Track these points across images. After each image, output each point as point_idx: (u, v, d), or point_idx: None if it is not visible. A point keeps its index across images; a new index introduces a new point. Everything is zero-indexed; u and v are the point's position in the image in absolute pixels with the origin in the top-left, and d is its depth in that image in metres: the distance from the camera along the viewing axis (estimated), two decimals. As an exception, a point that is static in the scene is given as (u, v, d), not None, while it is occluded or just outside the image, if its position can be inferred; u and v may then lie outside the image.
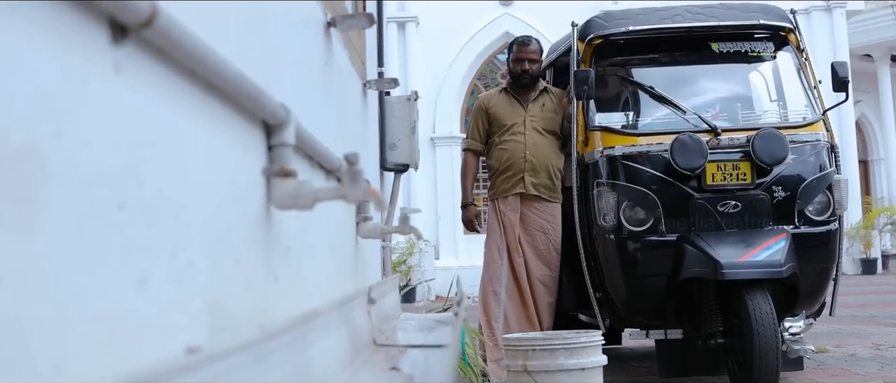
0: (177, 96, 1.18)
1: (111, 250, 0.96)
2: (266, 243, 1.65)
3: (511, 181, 5.50)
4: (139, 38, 1.02)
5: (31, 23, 0.80)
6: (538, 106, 5.59)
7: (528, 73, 5.61)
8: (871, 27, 19.95)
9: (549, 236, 5.48)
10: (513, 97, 5.65)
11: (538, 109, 5.58)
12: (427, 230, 15.38)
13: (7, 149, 0.75)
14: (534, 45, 5.70)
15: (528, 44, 5.70)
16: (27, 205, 0.78)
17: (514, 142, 5.52)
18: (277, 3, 1.97)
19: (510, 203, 5.49)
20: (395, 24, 16.56)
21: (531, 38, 5.81)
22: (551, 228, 5.50)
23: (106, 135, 0.96)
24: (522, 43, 5.73)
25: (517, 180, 5.48)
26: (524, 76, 5.61)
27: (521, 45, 5.69)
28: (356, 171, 1.61)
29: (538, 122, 5.54)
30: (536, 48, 5.69)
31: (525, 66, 5.59)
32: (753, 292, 4.52)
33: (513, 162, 5.50)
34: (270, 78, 1.77)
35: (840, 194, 5.01)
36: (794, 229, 4.89)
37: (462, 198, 5.90)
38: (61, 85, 0.86)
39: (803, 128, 5.15)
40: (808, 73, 5.45)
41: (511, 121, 5.56)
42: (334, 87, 2.80)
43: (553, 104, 5.62)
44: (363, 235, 2.97)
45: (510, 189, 5.50)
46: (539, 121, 5.54)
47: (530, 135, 5.50)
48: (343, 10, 3.18)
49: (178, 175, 1.19)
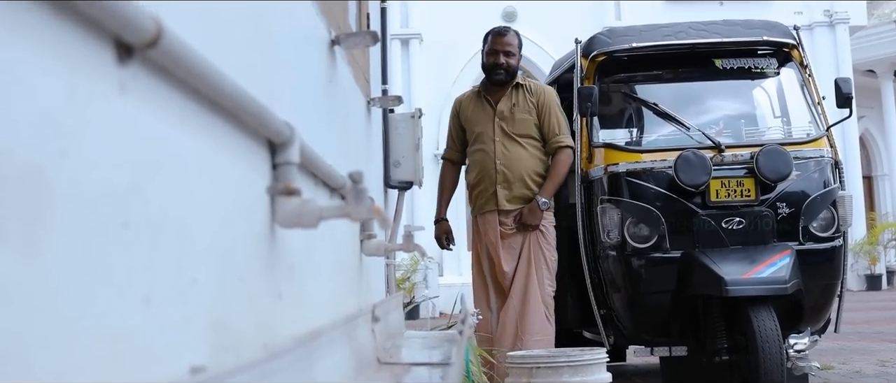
0: (181, 115, 1.18)
1: (115, 269, 0.96)
2: (270, 261, 1.64)
3: (484, 196, 4.99)
4: (144, 58, 1.02)
5: (37, 42, 0.80)
6: (508, 105, 4.95)
7: (503, 68, 4.94)
8: (874, 43, 19.96)
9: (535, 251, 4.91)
10: (483, 98, 5.05)
11: (508, 110, 4.94)
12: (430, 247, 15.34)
13: (12, 168, 0.75)
14: (511, 35, 5.06)
15: (504, 33, 5.06)
16: (31, 224, 0.78)
17: (483, 152, 4.98)
18: (281, 22, 1.98)
19: (489, 220, 4.98)
20: (399, 40, 16.59)
21: (509, 29, 5.18)
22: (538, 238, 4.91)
23: (110, 154, 0.96)
24: (498, 32, 5.09)
25: (490, 195, 4.95)
26: (498, 71, 4.95)
27: (497, 36, 5.05)
28: (360, 190, 1.61)
29: (509, 125, 4.93)
30: (514, 39, 5.04)
31: (499, 59, 4.94)
32: (758, 309, 4.51)
33: (484, 175, 4.98)
34: (274, 96, 1.77)
35: (844, 210, 5.00)
36: (798, 245, 4.88)
37: (436, 213, 5.50)
38: (66, 104, 0.86)
39: (807, 145, 5.15)
40: (811, 89, 5.45)
41: (480, 128, 5.01)
42: (338, 104, 2.81)
43: (526, 102, 4.96)
44: (367, 253, 2.97)
45: (485, 205, 4.99)
46: (509, 124, 4.93)
47: (500, 143, 4.91)
48: (347, 28, 3.19)
49: (183, 193, 1.19)
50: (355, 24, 3.62)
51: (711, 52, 5.45)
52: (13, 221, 0.75)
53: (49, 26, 0.82)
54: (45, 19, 0.81)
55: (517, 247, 4.89)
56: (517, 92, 4.97)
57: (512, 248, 4.90)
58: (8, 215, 0.74)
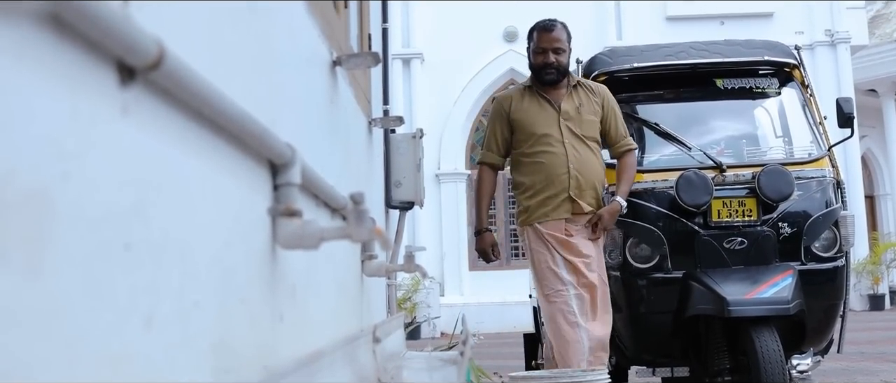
0: (183, 137, 1.19)
1: (117, 291, 0.96)
2: (271, 282, 1.64)
3: (552, 203, 4.41)
4: (146, 80, 1.03)
5: (40, 65, 0.80)
6: (573, 106, 4.49)
7: (553, 67, 4.44)
8: (875, 62, 19.99)
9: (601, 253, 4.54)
10: (540, 97, 4.51)
11: (574, 110, 4.47)
12: (432, 267, 15.37)
13: (15, 191, 0.75)
14: (559, 30, 4.52)
15: (551, 29, 4.50)
16: (34, 246, 0.78)
17: (551, 155, 4.41)
18: (283, 43, 1.99)
19: (554, 227, 4.41)
20: (400, 60, 16.65)
21: (555, 22, 4.57)
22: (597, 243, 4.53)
23: (113, 176, 0.96)
24: (544, 28, 4.53)
25: (561, 203, 4.40)
26: (548, 71, 4.45)
27: (543, 31, 4.52)
28: (362, 211, 1.61)
29: (577, 127, 4.45)
30: (562, 34, 4.52)
31: (549, 58, 4.44)
32: (760, 329, 4.50)
33: (553, 180, 4.41)
34: (276, 117, 1.77)
35: (846, 230, 4.99)
36: (800, 266, 4.87)
37: (476, 224, 4.75)
38: (69, 127, 0.86)
39: (809, 164, 5.15)
40: (813, 108, 5.45)
41: (543, 129, 4.44)
42: (340, 125, 2.81)
43: (590, 102, 4.54)
44: (368, 273, 2.97)
45: (552, 213, 4.41)
46: (578, 126, 4.45)
47: (571, 145, 4.42)
48: (348, 49, 3.20)
49: (184, 215, 1.19)
50: (357, 44, 3.63)
51: (713, 71, 5.45)
52: (16, 243, 0.75)
53: (51, 49, 0.83)
54: (48, 42, 0.82)
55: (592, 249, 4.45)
56: (578, 91, 4.54)
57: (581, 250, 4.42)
58: (11, 237, 0.74)
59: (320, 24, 2.48)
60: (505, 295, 15.61)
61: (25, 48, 0.78)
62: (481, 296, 16.38)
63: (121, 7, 0.97)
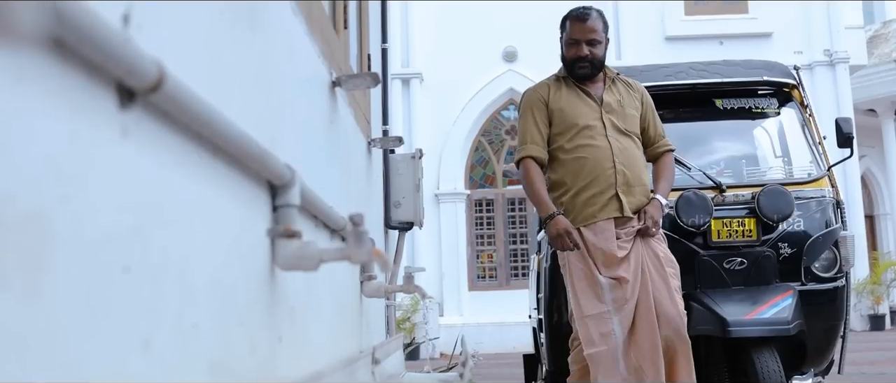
0: (183, 159, 1.19)
1: (116, 313, 0.96)
2: (270, 304, 1.64)
3: (599, 202, 3.92)
4: (146, 102, 1.03)
5: (40, 88, 0.80)
6: (614, 98, 4.07)
7: (587, 60, 4.00)
8: (874, 82, 20.02)
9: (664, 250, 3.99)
10: (578, 88, 4.07)
11: (615, 103, 4.06)
12: (431, 287, 15.35)
13: (14, 213, 0.75)
14: (593, 19, 4.04)
15: (585, 18, 4.03)
16: (33, 269, 0.78)
17: (594, 148, 3.95)
18: (283, 65, 1.99)
19: (603, 230, 3.89)
20: (400, 80, 16.67)
21: (589, 11, 4.07)
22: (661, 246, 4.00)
23: (112, 199, 0.96)
24: (577, 17, 4.06)
25: (608, 201, 3.91)
26: (581, 65, 4.01)
27: (576, 21, 4.05)
28: (361, 232, 1.61)
29: (620, 120, 4.03)
30: (597, 23, 4.05)
31: (582, 51, 3.99)
32: (761, 350, 4.49)
33: (597, 176, 3.93)
34: (276, 138, 1.77)
35: (846, 251, 4.99)
36: (800, 286, 4.86)
37: (543, 210, 4.03)
38: (69, 150, 0.86)
39: (808, 184, 5.14)
40: (812, 128, 5.46)
41: (585, 121, 3.99)
42: (339, 145, 2.82)
43: (631, 98, 4.15)
44: (367, 294, 2.96)
45: (599, 213, 3.91)
46: (621, 119, 4.03)
47: (615, 138, 3.97)
48: (348, 70, 3.20)
49: (183, 237, 1.19)
50: (356, 65, 3.64)
51: (712, 92, 5.46)
52: (15, 266, 0.75)
53: (51, 71, 0.83)
54: (48, 64, 0.82)
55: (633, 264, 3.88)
56: (617, 85, 4.15)
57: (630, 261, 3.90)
58: (10, 260, 0.74)
59: (320, 45, 2.48)
60: (504, 315, 15.58)
61: (26, 70, 0.78)
62: (481, 317, 16.35)
63: (121, 29, 0.97)
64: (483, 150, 17.65)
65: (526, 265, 16.55)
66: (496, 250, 17.37)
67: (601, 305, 3.86)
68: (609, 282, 3.86)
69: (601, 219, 3.89)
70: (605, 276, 3.85)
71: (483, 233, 17.38)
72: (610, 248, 3.85)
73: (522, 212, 17.21)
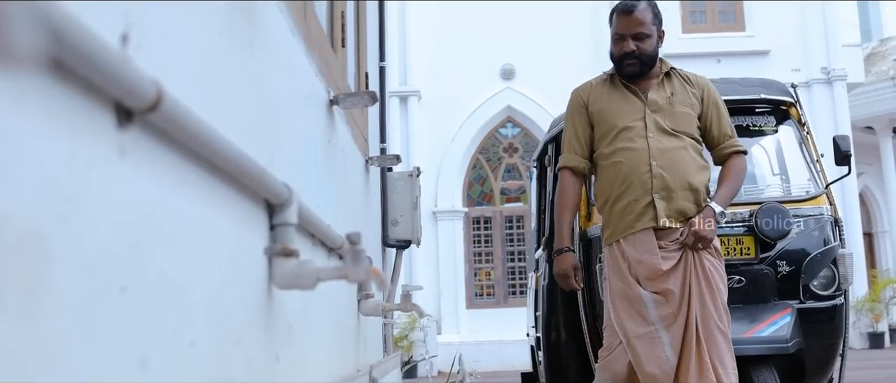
0: (180, 178, 1.19)
1: (113, 333, 0.96)
2: (268, 323, 1.64)
3: (633, 212, 3.51)
4: (144, 122, 1.03)
5: (38, 108, 0.81)
6: (663, 96, 3.64)
7: (635, 56, 3.60)
8: (872, 100, 20.07)
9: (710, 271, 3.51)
10: (624, 87, 3.68)
11: (664, 101, 3.63)
12: (429, 305, 15.32)
13: (12, 233, 0.75)
14: (641, 10, 3.62)
15: (630, 10, 3.62)
16: (31, 289, 0.78)
17: (631, 151, 3.56)
18: (281, 83, 1.99)
19: (641, 241, 3.48)
20: (397, 98, 16.69)
21: (637, 2, 3.64)
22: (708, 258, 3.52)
23: (110, 218, 0.96)
24: (623, 10, 3.64)
25: (643, 209, 3.49)
26: (628, 62, 3.62)
27: (622, 14, 3.64)
28: (358, 251, 1.61)
29: (666, 119, 3.59)
30: (646, 15, 3.63)
31: (628, 46, 3.60)
32: (759, 368, 4.48)
33: (632, 182, 3.52)
34: (273, 156, 1.78)
35: (845, 269, 4.98)
36: (799, 304, 4.86)
37: (556, 241, 3.77)
38: (66, 169, 0.86)
39: (806, 202, 5.15)
40: (810, 146, 5.47)
41: (625, 121, 3.60)
42: (337, 164, 2.82)
43: (686, 93, 3.69)
44: (365, 313, 2.96)
45: (635, 223, 3.50)
46: (668, 118, 3.59)
47: (655, 138, 3.55)
48: (346, 88, 3.21)
49: (181, 256, 1.19)
50: (354, 83, 3.65)
51: (709, 110, 5.47)
52: (13, 286, 0.75)
53: (50, 91, 0.83)
54: (46, 84, 0.82)
55: (681, 276, 3.46)
56: (671, 80, 3.71)
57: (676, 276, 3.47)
58: (8, 280, 0.74)
59: (318, 63, 2.49)
60: (502, 333, 15.55)
61: (24, 90, 0.78)
62: (479, 335, 16.32)
63: (120, 49, 0.98)
64: (481, 168, 17.66)
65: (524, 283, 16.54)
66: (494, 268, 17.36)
67: (647, 325, 3.45)
68: (653, 297, 3.44)
69: (638, 229, 3.48)
70: (649, 291, 3.45)
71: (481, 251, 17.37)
72: (653, 262, 3.45)
73: (520, 229, 17.21)
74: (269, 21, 1.84)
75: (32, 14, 0.66)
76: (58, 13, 0.75)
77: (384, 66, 5.11)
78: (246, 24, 1.63)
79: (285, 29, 2.04)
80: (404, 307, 2.77)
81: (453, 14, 17.27)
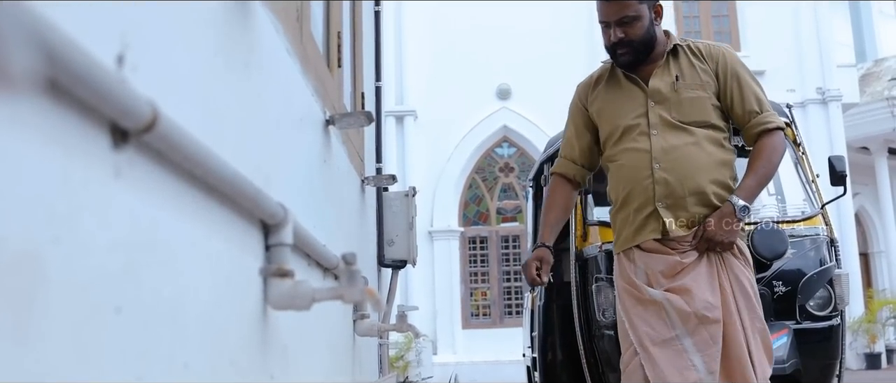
0: (175, 199, 1.18)
1: (108, 354, 0.96)
2: (262, 343, 1.63)
3: (636, 221, 3.06)
4: (140, 142, 1.03)
5: (34, 129, 0.80)
6: (667, 81, 3.10)
7: (625, 44, 3.07)
8: (867, 120, 20.11)
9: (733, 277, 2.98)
10: (624, 76, 3.19)
11: (667, 88, 3.09)
12: (425, 325, 15.30)
13: (6, 254, 0.75)
14: None
15: None
16: (25, 310, 0.78)
17: (633, 153, 3.09)
18: (277, 103, 1.99)
19: (649, 249, 3.03)
20: (393, 117, 16.71)
21: None
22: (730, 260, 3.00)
23: (104, 239, 0.96)
24: None
25: (644, 220, 3.04)
26: (621, 50, 3.10)
27: (601, 2, 3.11)
28: (354, 271, 1.60)
29: (671, 110, 3.07)
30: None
31: (615, 35, 3.08)
32: (756, 389, 4.47)
33: (634, 188, 3.07)
34: (269, 177, 1.77)
35: (841, 289, 4.99)
36: (795, 325, 4.86)
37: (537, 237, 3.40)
38: (61, 190, 0.86)
39: (802, 223, 5.15)
40: (805, 166, 5.48)
41: (627, 119, 3.13)
42: (333, 184, 2.82)
43: (694, 71, 3.12)
44: (360, 333, 2.95)
45: (636, 235, 3.06)
46: (674, 109, 3.07)
47: (659, 136, 3.06)
48: (342, 108, 3.21)
49: (176, 277, 1.19)
50: (350, 103, 3.65)
51: (705, 130, 5.47)
52: (6, 308, 0.74)
53: (45, 111, 0.83)
54: (42, 104, 0.82)
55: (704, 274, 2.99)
56: (677, 59, 3.15)
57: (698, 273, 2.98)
58: (1, 301, 0.74)
59: (314, 83, 2.49)
60: (498, 353, 15.52)
61: (19, 110, 0.78)
62: (474, 355, 16.28)
63: (116, 70, 0.98)
64: (477, 188, 17.67)
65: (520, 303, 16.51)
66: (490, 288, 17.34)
67: (668, 330, 2.94)
68: (667, 297, 2.95)
69: (640, 242, 3.04)
70: (663, 290, 2.97)
71: (477, 271, 17.36)
72: (668, 260, 2.98)
73: (516, 249, 17.20)
74: (265, 41, 1.84)
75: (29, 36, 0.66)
76: (54, 34, 0.75)
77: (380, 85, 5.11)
78: (242, 44, 1.63)
79: (282, 49, 2.04)
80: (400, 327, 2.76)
81: (449, 34, 17.33)
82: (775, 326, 4.79)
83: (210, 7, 1.42)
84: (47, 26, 0.73)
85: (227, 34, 1.51)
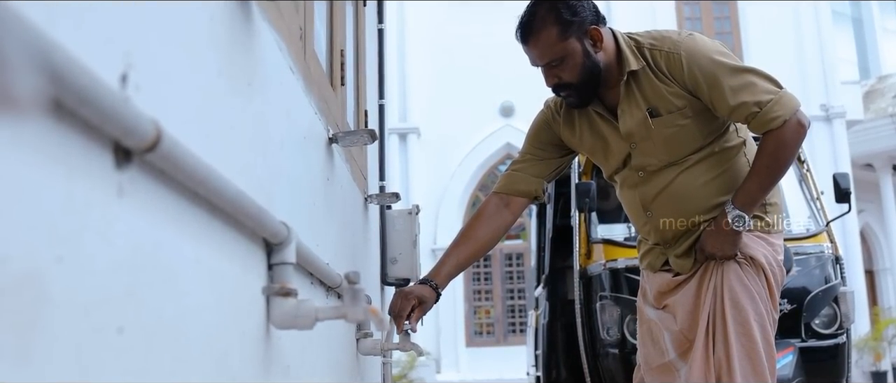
0: (178, 218, 1.18)
1: (109, 374, 0.95)
2: (265, 363, 1.63)
3: (643, 247, 2.96)
4: (143, 162, 1.03)
5: (36, 148, 0.80)
6: (637, 117, 2.74)
7: (563, 86, 2.78)
8: (871, 137, 20.10)
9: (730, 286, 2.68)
10: (594, 113, 2.86)
11: (639, 126, 2.74)
12: (428, 343, 15.27)
13: (8, 276, 0.75)
14: (536, 32, 2.69)
15: (526, 40, 2.74)
16: (27, 332, 0.78)
17: (625, 195, 2.94)
18: (280, 121, 2.00)
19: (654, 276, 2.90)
20: (397, 135, 16.74)
21: (529, 21, 2.70)
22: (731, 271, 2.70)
23: (107, 259, 0.95)
24: (520, 40, 2.77)
25: (658, 255, 2.87)
26: (564, 93, 2.83)
27: (522, 45, 2.77)
28: (357, 290, 1.60)
29: (653, 153, 2.77)
30: (545, 37, 2.68)
31: (549, 79, 2.80)
32: (761, 407, 4.45)
33: (635, 222, 2.96)
34: (272, 195, 1.77)
35: (847, 307, 4.98)
36: (801, 342, 4.85)
37: None
38: (64, 210, 0.86)
39: (807, 240, 5.15)
40: (809, 184, 5.48)
41: (610, 167, 2.92)
42: (336, 202, 2.81)
43: (665, 96, 2.69)
44: (363, 352, 2.94)
45: (654, 263, 2.89)
46: (654, 151, 2.76)
47: (644, 186, 2.82)
48: (345, 126, 3.21)
49: (178, 297, 1.19)
50: (353, 121, 3.65)
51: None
52: (8, 329, 0.74)
53: (48, 131, 0.83)
54: (44, 124, 0.82)
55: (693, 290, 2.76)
56: (640, 84, 2.72)
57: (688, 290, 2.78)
58: (3, 323, 0.73)
59: (317, 101, 2.49)
60: (502, 371, 15.48)
61: (22, 130, 0.78)
62: (478, 373, 16.25)
63: (119, 89, 0.98)
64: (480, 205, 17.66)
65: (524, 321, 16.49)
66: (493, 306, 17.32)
67: (661, 356, 2.82)
68: (658, 315, 2.84)
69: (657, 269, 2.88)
70: (655, 308, 2.87)
71: (480, 289, 17.34)
72: (663, 279, 2.85)
73: (520, 267, 17.18)
74: (268, 60, 1.84)
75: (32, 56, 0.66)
76: (58, 53, 0.75)
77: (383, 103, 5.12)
78: (245, 62, 1.64)
79: (285, 67, 2.04)
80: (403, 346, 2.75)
81: (452, 52, 17.37)
82: (781, 344, 4.78)
83: (214, 26, 1.42)
84: (50, 46, 0.73)
85: (230, 53, 1.52)
